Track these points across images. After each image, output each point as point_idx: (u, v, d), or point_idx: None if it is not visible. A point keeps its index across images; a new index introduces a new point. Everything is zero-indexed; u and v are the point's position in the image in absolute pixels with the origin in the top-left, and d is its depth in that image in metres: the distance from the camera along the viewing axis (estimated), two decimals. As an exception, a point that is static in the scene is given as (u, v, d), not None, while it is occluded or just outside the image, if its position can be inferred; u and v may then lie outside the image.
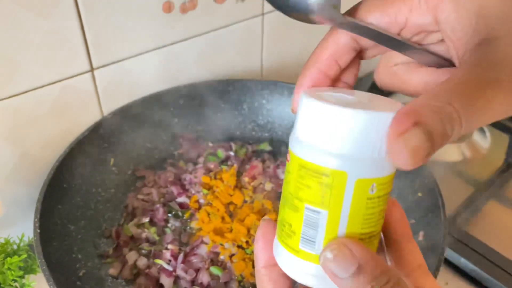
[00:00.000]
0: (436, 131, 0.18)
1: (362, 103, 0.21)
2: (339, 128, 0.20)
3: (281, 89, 0.59)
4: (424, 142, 0.18)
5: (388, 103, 0.22)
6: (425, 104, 0.19)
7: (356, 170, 0.20)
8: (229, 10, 0.57)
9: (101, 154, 0.52)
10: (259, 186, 0.53)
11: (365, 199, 0.21)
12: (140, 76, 0.55)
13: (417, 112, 0.19)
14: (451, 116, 0.19)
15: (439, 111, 0.19)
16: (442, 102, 0.19)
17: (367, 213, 0.21)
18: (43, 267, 0.39)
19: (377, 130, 0.20)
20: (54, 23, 0.45)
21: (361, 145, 0.20)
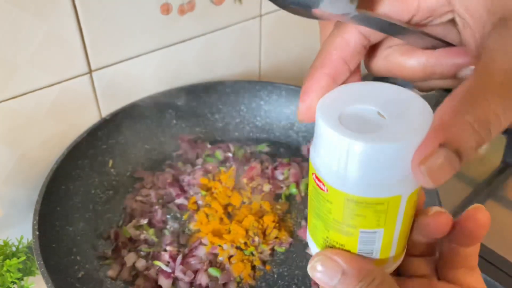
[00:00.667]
0: (467, 144, 0.18)
1: (389, 122, 0.21)
2: (387, 162, 0.20)
3: (279, 90, 0.59)
4: (447, 163, 0.18)
5: (419, 108, 0.21)
6: (455, 117, 0.18)
7: (406, 188, 0.21)
8: (227, 12, 0.57)
9: (100, 156, 0.52)
10: (257, 187, 0.53)
11: (411, 208, 0.22)
12: (138, 78, 0.55)
13: (445, 130, 0.19)
14: (487, 119, 0.18)
15: (472, 121, 0.18)
16: (475, 107, 0.18)
17: (409, 223, 0.23)
18: (41, 269, 0.39)
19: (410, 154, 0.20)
20: (52, 25, 0.45)
21: (402, 169, 0.20)
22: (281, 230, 0.48)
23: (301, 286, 0.45)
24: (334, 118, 0.21)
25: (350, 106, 0.21)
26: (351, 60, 0.23)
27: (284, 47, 0.67)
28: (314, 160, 0.22)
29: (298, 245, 0.48)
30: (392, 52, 0.24)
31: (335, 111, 0.21)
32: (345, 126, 0.20)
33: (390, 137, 0.20)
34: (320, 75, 0.23)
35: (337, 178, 0.21)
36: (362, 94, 0.22)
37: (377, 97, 0.22)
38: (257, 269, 0.46)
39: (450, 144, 0.18)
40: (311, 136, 0.60)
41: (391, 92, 0.22)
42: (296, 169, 0.55)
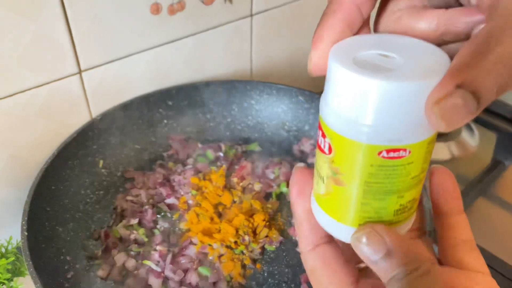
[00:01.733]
0: (487, 86, 0.17)
1: (403, 66, 0.20)
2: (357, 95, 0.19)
3: (270, 90, 0.59)
4: (462, 105, 0.17)
5: (435, 59, 0.20)
6: (474, 57, 0.17)
7: (417, 136, 0.20)
8: (217, 12, 0.57)
9: (90, 156, 0.52)
10: (248, 187, 0.53)
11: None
12: (128, 78, 0.55)
13: (463, 71, 0.17)
14: (511, 61, 0.17)
15: (494, 61, 0.17)
16: (497, 46, 0.17)
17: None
18: (30, 269, 0.39)
19: (414, 100, 0.19)
20: (41, 25, 0.45)
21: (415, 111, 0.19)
22: (271, 228, 0.49)
23: (291, 284, 0.45)
24: (349, 60, 0.20)
25: (364, 51, 0.21)
26: (364, 5, 0.22)
27: (275, 46, 0.67)
28: (324, 112, 0.22)
29: (288, 243, 0.48)
30: (401, 14, 0.23)
31: (349, 55, 0.20)
32: (359, 66, 0.19)
33: (407, 76, 0.19)
34: (333, 21, 0.22)
35: (350, 126, 0.20)
36: (377, 41, 0.21)
37: (393, 44, 0.21)
38: (247, 268, 0.46)
39: (468, 86, 0.17)
40: (302, 135, 0.60)
41: (407, 41, 0.21)
42: (287, 168, 0.55)
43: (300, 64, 0.72)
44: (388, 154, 0.20)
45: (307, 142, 0.58)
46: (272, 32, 0.65)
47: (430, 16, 0.23)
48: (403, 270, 0.20)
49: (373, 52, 0.21)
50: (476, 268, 0.23)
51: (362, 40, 0.22)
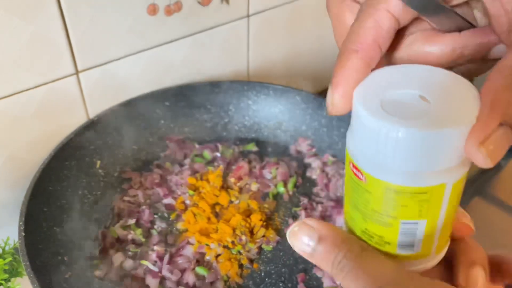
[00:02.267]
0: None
1: (432, 107, 0.19)
2: (424, 149, 0.19)
3: (267, 90, 0.59)
4: (507, 141, 0.18)
5: (463, 95, 0.20)
6: (509, 93, 0.18)
7: (451, 177, 0.20)
8: (214, 12, 0.58)
9: (87, 157, 0.52)
10: (245, 187, 0.53)
11: (456, 197, 0.21)
12: (126, 78, 0.55)
13: (502, 108, 0.18)
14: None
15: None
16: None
17: (455, 207, 0.22)
18: (27, 270, 0.39)
19: (460, 140, 0.19)
20: (38, 26, 0.45)
21: (449, 155, 0.19)
22: (268, 228, 0.49)
23: (288, 284, 0.45)
24: (375, 104, 0.20)
25: (391, 91, 0.20)
26: (384, 43, 0.22)
27: (272, 47, 0.67)
28: (351, 148, 0.21)
29: (285, 243, 0.49)
30: (414, 39, 0.23)
31: (375, 96, 0.20)
32: (386, 111, 0.19)
33: (435, 123, 0.19)
34: (353, 61, 0.21)
35: (376, 166, 0.20)
36: (401, 77, 0.21)
37: (418, 80, 0.21)
38: (245, 268, 0.46)
39: (508, 121, 0.18)
40: (299, 135, 0.60)
41: (431, 74, 0.21)
42: (284, 168, 0.55)
43: (297, 65, 0.72)
44: (352, 169, 0.22)
45: (304, 142, 0.58)
46: (269, 32, 0.65)
47: (444, 40, 0.22)
48: (340, 252, 0.21)
49: (398, 91, 0.20)
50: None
51: (386, 77, 0.21)
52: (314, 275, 0.46)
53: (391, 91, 0.20)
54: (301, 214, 0.51)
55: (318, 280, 0.46)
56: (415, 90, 0.20)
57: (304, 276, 0.46)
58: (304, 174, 0.56)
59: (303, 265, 0.47)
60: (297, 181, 0.54)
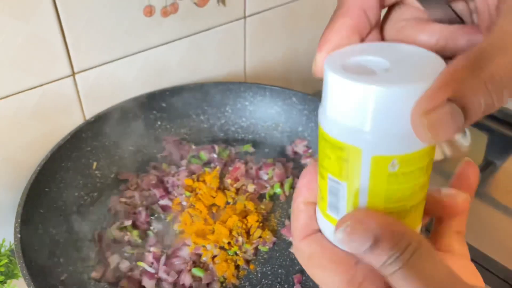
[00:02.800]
0: (476, 104, 0.17)
1: (391, 70, 0.19)
2: (356, 103, 0.19)
3: (264, 91, 0.59)
4: (451, 119, 0.17)
5: (427, 64, 0.20)
6: (467, 72, 0.17)
7: (371, 146, 0.19)
8: (210, 14, 0.58)
9: (84, 158, 0.52)
10: (241, 188, 0.53)
11: (386, 176, 0.20)
12: (122, 80, 0.55)
13: (455, 84, 0.17)
14: (502, 81, 0.17)
15: (486, 79, 0.17)
16: (490, 66, 0.17)
17: (391, 189, 0.20)
18: (23, 271, 0.39)
19: (400, 106, 0.18)
20: (34, 27, 0.45)
21: (379, 121, 0.19)
22: (264, 229, 0.49)
23: (284, 285, 0.45)
24: (338, 65, 0.20)
25: (358, 57, 0.21)
26: (371, 11, 0.22)
27: (269, 48, 0.67)
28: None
29: (281, 244, 0.49)
30: (406, 24, 0.24)
31: (341, 60, 0.20)
32: (346, 70, 0.19)
33: (372, 77, 0.19)
34: (340, 25, 0.22)
35: (320, 111, 0.21)
36: (373, 48, 0.21)
37: (389, 50, 0.21)
38: (241, 269, 0.46)
39: (458, 100, 0.17)
40: (295, 136, 0.60)
41: (405, 48, 0.21)
42: (280, 169, 0.55)
43: (294, 66, 0.72)
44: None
45: (300, 143, 0.58)
46: (266, 33, 0.65)
47: (432, 29, 0.23)
48: (394, 253, 0.19)
49: (365, 57, 0.20)
50: (461, 253, 0.23)
51: (359, 48, 0.22)
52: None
53: (358, 57, 0.21)
54: (297, 215, 0.51)
55: (314, 281, 0.46)
56: (381, 58, 0.20)
57: (301, 277, 0.46)
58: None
59: (299, 266, 0.47)
60: (293, 182, 0.55)
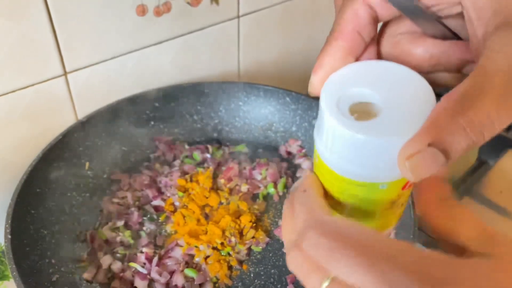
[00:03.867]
0: (456, 147, 0.19)
1: (384, 112, 0.21)
2: (353, 149, 0.21)
3: (257, 91, 0.59)
4: (431, 161, 0.19)
5: (418, 104, 0.21)
6: (447, 117, 0.19)
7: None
8: (204, 13, 0.57)
9: (76, 158, 0.52)
10: (235, 188, 0.53)
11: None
12: (115, 80, 0.55)
13: (435, 131, 0.19)
14: (481, 123, 0.19)
15: (465, 124, 0.18)
16: (469, 109, 0.18)
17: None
18: (13, 272, 0.39)
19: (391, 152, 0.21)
20: (25, 26, 0.45)
21: (370, 161, 0.21)
22: (258, 229, 0.49)
23: (277, 285, 0.45)
24: (334, 100, 0.22)
25: (352, 89, 0.22)
26: (364, 31, 0.23)
27: (263, 48, 0.67)
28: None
29: (274, 244, 0.48)
30: (401, 39, 0.24)
31: (337, 92, 0.22)
32: (341, 109, 0.21)
33: (379, 131, 0.20)
34: (334, 48, 0.23)
35: (322, 149, 0.23)
36: (368, 75, 0.22)
37: (382, 80, 0.22)
38: (234, 269, 0.46)
39: (438, 145, 0.19)
40: (289, 136, 0.60)
41: (399, 75, 0.22)
42: (274, 169, 0.55)
43: (287, 66, 0.72)
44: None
45: (294, 143, 0.58)
46: (260, 33, 0.65)
47: (427, 44, 0.24)
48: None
49: (359, 91, 0.22)
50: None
51: (354, 74, 0.23)
52: (303, 276, 0.46)
53: (353, 91, 0.22)
54: (291, 215, 0.51)
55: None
56: (373, 91, 0.22)
57: (294, 277, 0.45)
58: (294, 175, 0.56)
59: (292, 266, 0.47)
60: (287, 182, 0.54)
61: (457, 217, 0.22)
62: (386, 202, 0.24)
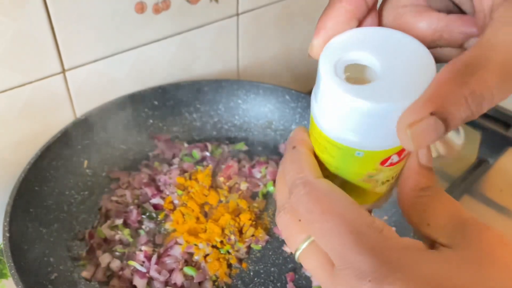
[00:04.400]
0: (456, 116, 0.19)
1: (382, 78, 0.21)
2: (347, 113, 0.21)
3: (257, 89, 0.59)
4: (433, 130, 0.19)
5: (418, 71, 0.21)
6: (449, 87, 0.19)
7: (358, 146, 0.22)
8: (203, 11, 0.57)
9: (75, 156, 0.51)
10: (234, 186, 0.53)
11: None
12: (113, 77, 0.54)
13: (438, 100, 0.19)
14: (482, 94, 0.18)
15: (466, 94, 0.18)
16: (471, 80, 0.18)
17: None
18: (11, 271, 0.38)
19: (388, 119, 0.20)
20: (23, 23, 0.44)
21: (367, 129, 0.21)
22: (257, 228, 0.48)
23: (277, 283, 0.45)
24: (332, 63, 0.21)
25: (352, 52, 0.22)
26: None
27: (262, 45, 0.67)
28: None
29: (274, 242, 0.48)
30: (405, 11, 0.24)
31: (336, 56, 0.22)
32: (337, 71, 0.21)
33: (368, 96, 0.20)
34: (337, 10, 0.22)
35: (315, 108, 0.23)
36: (368, 41, 0.22)
37: (383, 46, 0.22)
38: (233, 267, 0.46)
39: (440, 114, 0.19)
40: (289, 134, 0.60)
41: (400, 42, 0.22)
42: (273, 167, 0.55)
43: (287, 64, 0.72)
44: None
45: (293, 141, 0.58)
46: (259, 31, 0.65)
47: (430, 18, 0.23)
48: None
49: (359, 55, 0.21)
50: None
51: (355, 39, 0.22)
52: (303, 274, 0.46)
53: (353, 54, 0.22)
54: (290, 213, 0.50)
55: (307, 279, 0.45)
56: (375, 59, 0.21)
57: (293, 276, 0.45)
58: (294, 173, 0.56)
59: (292, 264, 0.46)
60: (286, 180, 0.54)
61: (430, 208, 0.22)
62: (362, 173, 0.23)
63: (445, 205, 0.22)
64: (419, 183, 0.22)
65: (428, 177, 0.23)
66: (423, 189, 0.22)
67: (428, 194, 0.22)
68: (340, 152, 0.23)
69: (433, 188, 0.22)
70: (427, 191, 0.22)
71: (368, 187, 0.24)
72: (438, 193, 0.22)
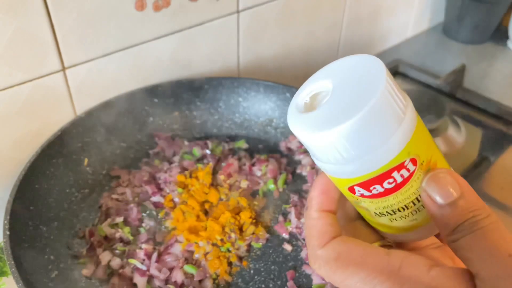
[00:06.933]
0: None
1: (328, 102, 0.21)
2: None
3: (257, 87, 0.59)
4: None
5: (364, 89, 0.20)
6: None
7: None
8: (203, 8, 0.57)
9: (75, 154, 0.51)
10: (234, 184, 0.53)
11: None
12: (113, 75, 0.54)
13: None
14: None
15: None
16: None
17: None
18: (12, 269, 0.38)
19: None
20: (23, 21, 0.44)
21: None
22: (258, 226, 0.48)
23: (277, 281, 0.45)
24: (294, 108, 0.23)
25: (309, 86, 0.23)
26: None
27: (263, 43, 0.67)
28: None
29: (274, 240, 0.48)
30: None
31: (298, 96, 0.23)
32: (298, 108, 0.22)
33: (313, 125, 0.20)
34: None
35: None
36: (328, 70, 0.23)
37: (338, 70, 0.22)
38: (234, 265, 0.46)
39: None
40: (289, 132, 0.60)
41: (356, 62, 0.22)
42: (274, 165, 0.54)
43: (288, 61, 0.72)
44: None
45: (294, 139, 0.58)
46: (259, 28, 0.65)
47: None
48: (475, 214, 0.20)
49: (314, 84, 0.22)
50: None
51: (317, 75, 0.23)
52: (303, 272, 0.46)
53: (310, 86, 0.23)
54: (291, 211, 0.50)
55: (307, 277, 0.45)
56: (327, 81, 0.22)
57: (294, 273, 0.45)
58: (294, 171, 0.56)
59: (292, 262, 0.46)
60: (287, 178, 0.54)
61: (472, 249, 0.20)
62: (350, 200, 0.24)
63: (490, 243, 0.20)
64: (448, 226, 0.21)
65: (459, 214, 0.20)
66: (455, 230, 0.20)
67: (465, 234, 0.20)
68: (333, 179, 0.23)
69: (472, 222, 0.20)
70: (461, 231, 0.20)
71: (368, 216, 0.24)
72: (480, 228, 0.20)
